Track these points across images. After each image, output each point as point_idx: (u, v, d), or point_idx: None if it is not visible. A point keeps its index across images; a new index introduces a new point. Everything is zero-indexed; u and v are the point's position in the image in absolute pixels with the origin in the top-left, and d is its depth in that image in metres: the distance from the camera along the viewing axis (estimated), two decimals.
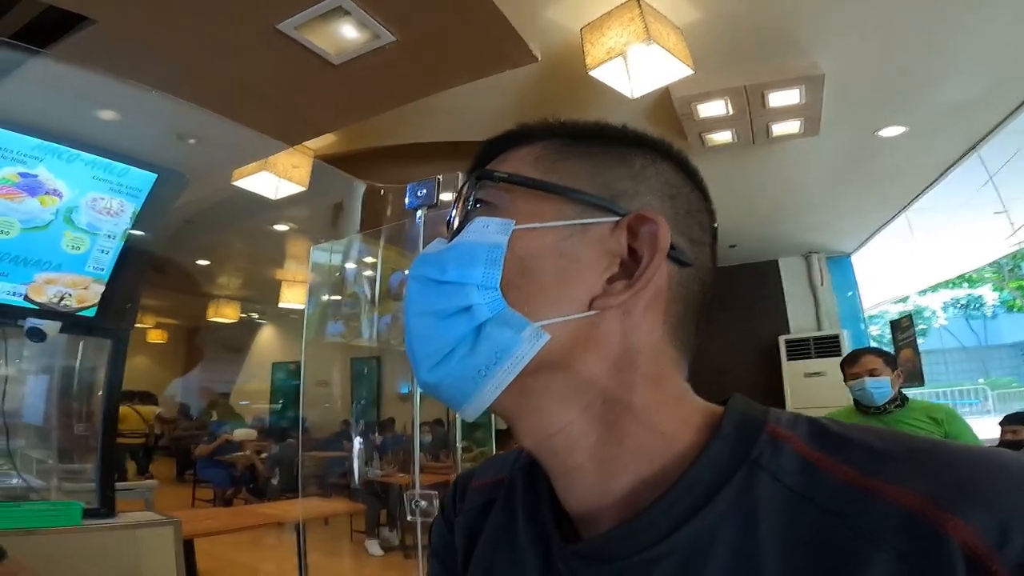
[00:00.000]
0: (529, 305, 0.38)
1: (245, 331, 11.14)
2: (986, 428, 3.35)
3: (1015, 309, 15.12)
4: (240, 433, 8.37)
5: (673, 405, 0.40)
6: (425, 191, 1.25)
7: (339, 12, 1.84)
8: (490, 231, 0.39)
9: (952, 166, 4.70)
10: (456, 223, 0.43)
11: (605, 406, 0.39)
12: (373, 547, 5.08)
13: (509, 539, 0.44)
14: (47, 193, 1.71)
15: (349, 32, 1.96)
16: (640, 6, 2.40)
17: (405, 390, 7.34)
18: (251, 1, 1.82)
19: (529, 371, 0.37)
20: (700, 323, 0.43)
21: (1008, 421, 3.45)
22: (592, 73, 2.55)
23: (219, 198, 3.66)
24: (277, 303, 7.73)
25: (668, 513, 0.36)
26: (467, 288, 0.38)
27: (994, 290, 15.62)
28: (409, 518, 1.48)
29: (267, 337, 11.55)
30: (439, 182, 1.30)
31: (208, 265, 7.28)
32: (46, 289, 1.83)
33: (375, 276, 3.51)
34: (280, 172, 3.40)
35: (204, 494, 6.95)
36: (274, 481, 6.87)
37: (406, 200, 1.39)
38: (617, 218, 0.39)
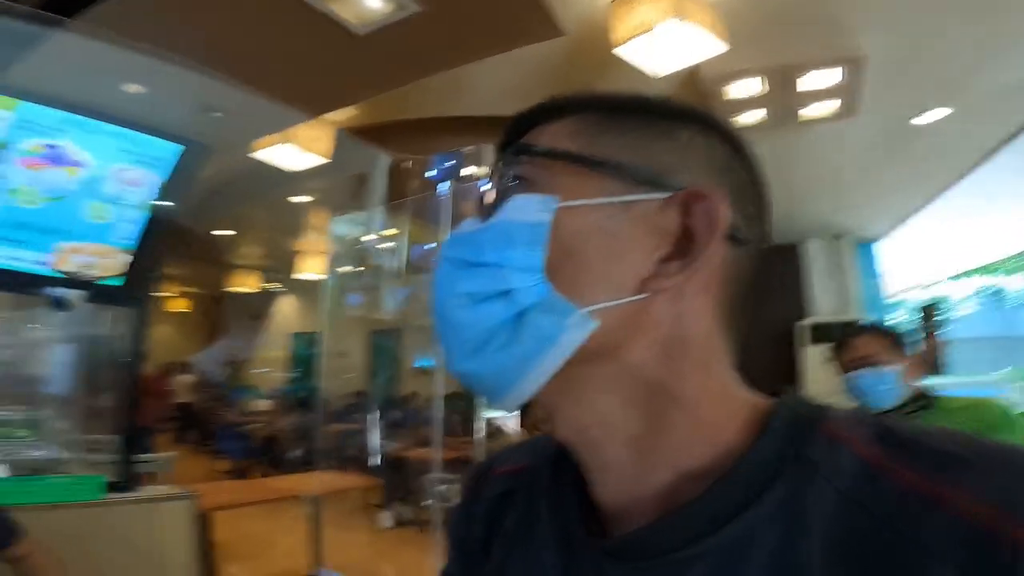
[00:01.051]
0: (575, 289, 0.35)
1: (265, 301, 11.30)
2: None
3: None
4: (258, 404, 8.57)
5: (720, 396, 0.37)
6: (450, 163, 1.23)
7: None
8: (531, 209, 0.36)
9: (996, 150, 4.54)
10: (491, 201, 0.39)
11: (651, 396, 0.37)
12: (386, 520, 5.18)
13: (529, 531, 0.43)
14: (71, 164, 1.72)
15: (373, 2, 1.92)
16: None
17: (425, 364, 7.41)
18: None
19: (574, 360, 0.35)
20: (749, 305, 0.41)
21: None
22: (618, 50, 2.48)
23: (241, 169, 3.66)
24: (294, 273, 7.81)
25: (708, 511, 0.34)
26: (506, 270, 0.35)
27: None
28: (429, 502, 1.49)
29: (287, 308, 11.72)
30: (464, 155, 1.28)
31: (230, 235, 7.36)
32: (71, 258, 1.85)
33: (397, 248, 3.51)
34: (302, 144, 3.40)
35: (223, 465, 7.10)
36: (296, 453, 6.99)
37: (431, 172, 1.37)
38: (667, 194, 0.36)
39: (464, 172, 1.60)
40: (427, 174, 1.45)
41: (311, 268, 7.56)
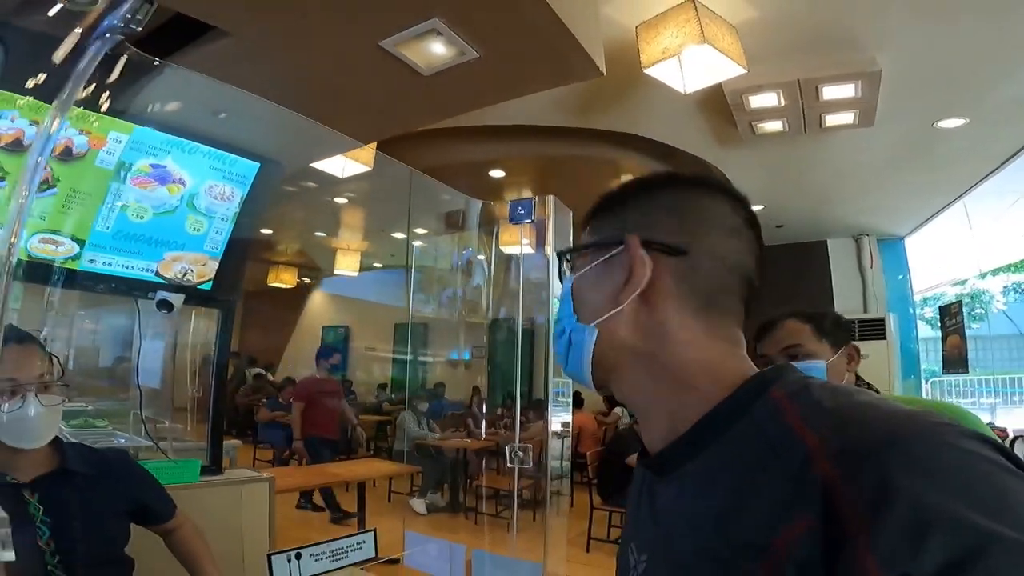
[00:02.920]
0: (585, 316, 0.59)
1: (299, 296, 11.66)
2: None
3: None
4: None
5: (706, 367, 0.54)
6: (524, 209, 1.54)
7: (433, 33, 2.07)
8: (566, 285, 0.63)
9: (1014, 156, 4.60)
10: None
11: (648, 369, 0.56)
12: (419, 506, 5.39)
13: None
14: (174, 182, 2.00)
15: (439, 49, 2.18)
16: (696, 7, 2.50)
17: (454, 356, 7.66)
18: (362, 21, 2.07)
19: (597, 353, 0.57)
20: (743, 293, 0.57)
21: None
22: (647, 71, 2.68)
23: (292, 173, 3.93)
24: (333, 270, 8.11)
25: (678, 451, 0.53)
26: (561, 319, 0.62)
27: None
28: (509, 465, 1.81)
29: (318, 302, 12.09)
30: (535, 202, 1.61)
31: (270, 234, 7.67)
32: (173, 266, 2.13)
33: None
34: (348, 154, 3.66)
35: (263, 454, 7.41)
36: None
37: (508, 215, 1.68)
38: (618, 247, 0.57)
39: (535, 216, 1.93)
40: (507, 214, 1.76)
41: (345, 265, 7.87)
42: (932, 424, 0.40)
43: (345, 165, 3.85)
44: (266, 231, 7.45)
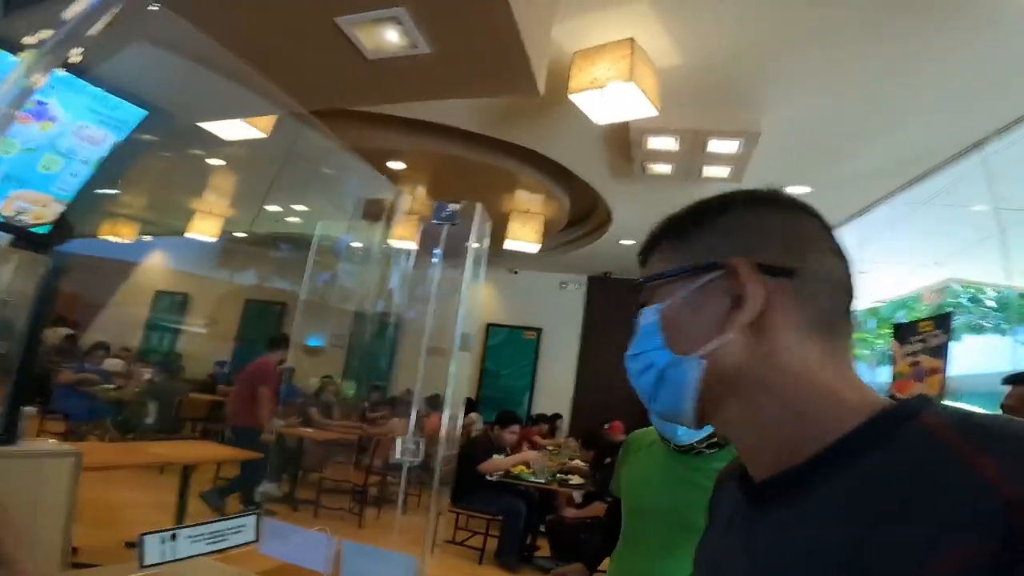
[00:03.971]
0: (684, 347, 0.54)
1: (133, 254, 10.33)
2: None
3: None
4: (110, 363, 7.79)
5: (825, 393, 0.50)
6: (448, 212, 1.47)
7: (393, 21, 1.95)
8: (650, 316, 0.58)
9: (836, 227, 5.40)
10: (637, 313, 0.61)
11: (757, 397, 0.52)
12: (255, 495, 5.06)
13: (730, 492, 0.62)
14: (47, 119, 1.68)
15: (392, 37, 2.06)
16: (632, 47, 2.63)
17: (313, 343, 7.24)
18: None
19: (703, 387, 0.53)
20: (849, 312, 0.55)
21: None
22: (572, 96, 2.76)
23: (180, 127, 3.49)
24: (184, 232, 7.28)
25: (796, 477, 0.49)
26: (648, 354, 0.57)
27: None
28: (398, 457, 1.72)
29: (155, 264, 10.81)
30: (461, 207, 1.54)
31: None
32: (13, 204, 1.78)
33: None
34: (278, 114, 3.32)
35: (54, 426, 6.37)
36: (149, 420, 6.46)
37: (433, 215, 1.59)
38: (715, 274, 0.54)
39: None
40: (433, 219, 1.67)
41: (202, 229, 7.10)
42: None
43: (233, 126, 3.47)
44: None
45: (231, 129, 3.36)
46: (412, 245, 5.72)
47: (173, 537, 1.34)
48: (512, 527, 4.23)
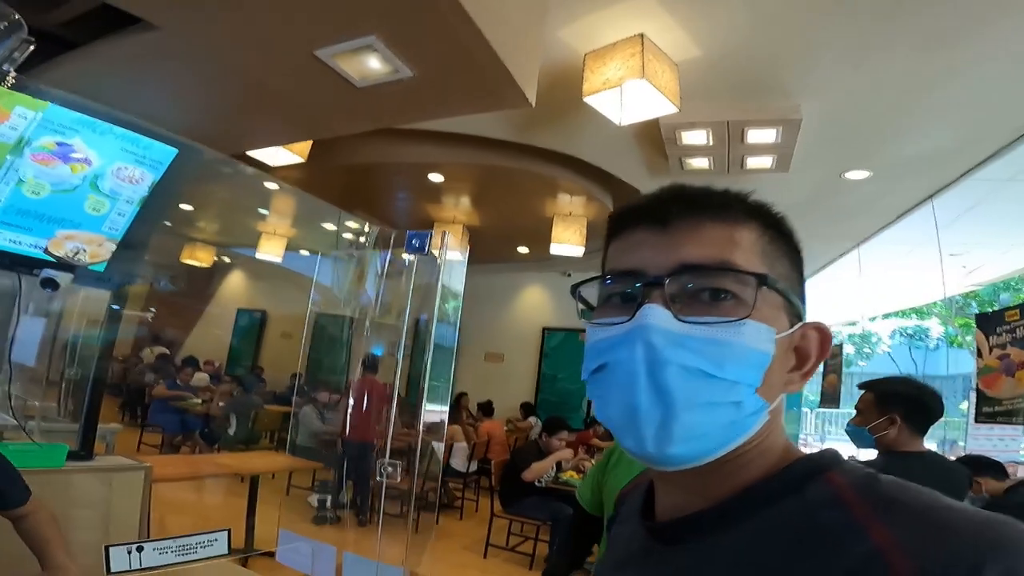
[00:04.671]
0: (767, 395, 0.46)
1: (214, 275, 11.08)
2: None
3: (956, 345, 15.88)
4: (198, 378, 8.37)
5: (777, 449, 0.49)
6: (419, 242, 1.50)
7: (369, 49, 2.04)
8: (762, 339, 0.44)
9: (908, 211, 5.06)
10: (707, 305, 0.45)
11: (749, 454, 0.47)
12: (315, 501, 5.28)
13: (630, 515, 0.59)
14: (78, 161, 1.86)
15: (374, 64, 2.16)
16: (643, 43, 2.59)
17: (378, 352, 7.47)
18: (297, 30, 2.02)
19: (753, 438, 0.47)
20: None
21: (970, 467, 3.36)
22: (586, 99, 2.75)
23: (216, 156, 3.77)
24: (255, 253, 7.75)
25: (706, 519, 0.46)
26: (741, 387, 0.44)
27: (941, 324, 16.37)
28: (378, 478, 1.73)
29: (235, 282, 11.54)
30: (431, 237, 1.55)
31: (190, 210, 7.25)
32: (65, 244, 1.98)
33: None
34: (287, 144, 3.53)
35: (151, 439, 6.84)
36: (230, 431, 6.89)
37: (404, 246, 1.63)
38: (801, 324, 0.48)
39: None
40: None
41: (268, 249, 7.54)
42: None
43: (278, 154, 3.70)
44: (186, 206, 7.03)
45: (275, 156, 3.58)
46: (459, 256, 5.83)
47: (139, 549, 1.40)
48: (562, 532, 4.23)
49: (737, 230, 0.47)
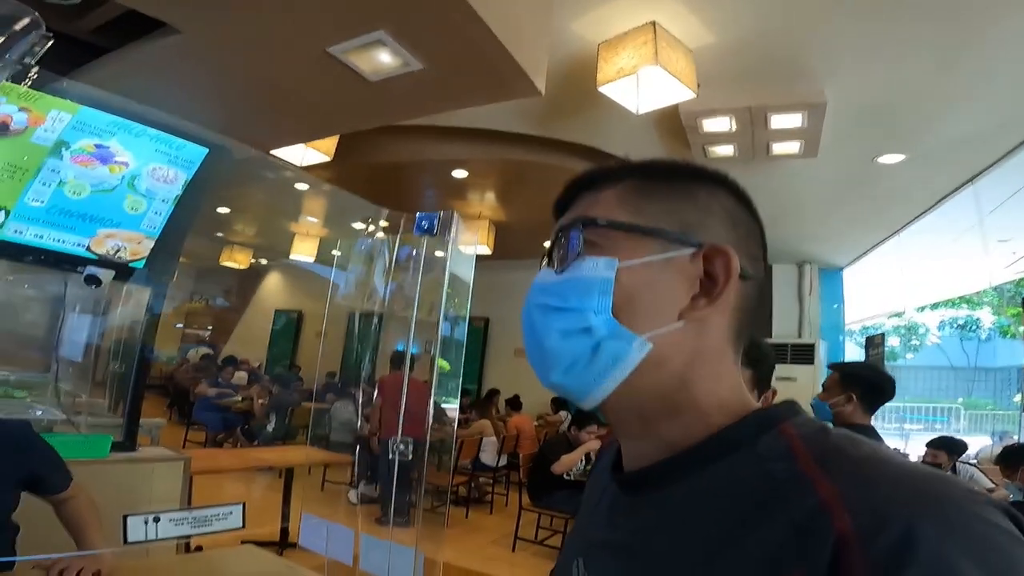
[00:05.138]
0: (635, 322, 0.47)
1: (252, 277, 11.43)
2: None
3: (1009, 335, 15.23)
4: (238, 377, 8.64)
5: (722, 399, 0.49)
6: (428, 223, 1.52)
7: (379, 43, 2.12)
8: (600, 269, 0.48)
9: (947, 196, 4.88)
10: (560, 255, 0.51)
11: (672, 395, 0.48)
12: (353, 496, 5.37)
13: (601, 470, 0.62)
14: (116, 163, 1.98)
15: (385, 59, 2.23)
16: (655, 30, 2.59)
17: (400, 348, 7.60)
18: (309, 29, 2.11)
19: (635, 373, 0.48)
20: (754, 326, 0.52)
21: (931, 444, 3.78)
22: (601, 89, 2.76)
23: (249, 154, 3.90)
24: (288, 254, 7.98)
25: (666, 469, 0.48)
26: (586, 313, 0.48)
27: (993, 314, 15.72)
28: (390, 457, 1.76)
29: (272, 284, 11.88)
30: (440, 217, 1.58)
31: (227, 213, 7.51)
32: (106, 242, 2.10)
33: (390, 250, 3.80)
34: (309, 143, 3.63)
35: (195, 436, 7.12)
36: (269, 428, 7.09)
37: (413, 228, 1.66)
38: (694, 250, 0.49)
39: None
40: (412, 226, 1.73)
41: (302, 250, 7.75)
42: (965, 491, 0.38)
43: (305, 154, 3.82)
44: (223, 209, 7.29)
45: (302, 156, 3.69)
46: (485, 249, 5.89)
47: (156, 520, 1.46)
48: None
49: (602, 192, 0.52)
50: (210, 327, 11.88)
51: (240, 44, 2.21)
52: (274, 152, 3.49)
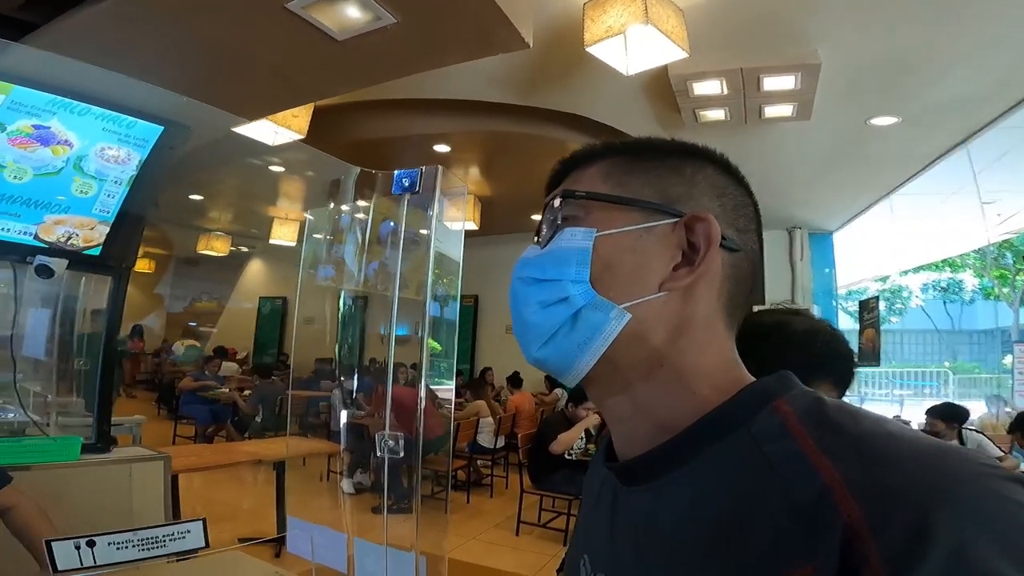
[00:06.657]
0: (613, 292, 0.47)
1: (234, 264, 11.18)
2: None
3: (993, 297, 15.42)
4: (226, 368, 8.48)
5: (711, 372, 0.47)
6: (409, 180, 1.36)
7: None
8: (577, 239, 0.48)
9: (940, 157, 4.81)
10: (545, 230, 0.52)
11: (656, 368, 0.47)
12: (347, 486, 5.30)
13: (598, 459, 0.59)
14: (59, 143, 1.79)
15: (353, 13, 2.02)
16: None
17: (401, 332, 7.48)
18: None
19: (615, 344, 0.46)
20: (751, 295, 0.51)
21: (930, 412, 3.70)
22: (589, 49, 2.60)
23: (216, 136, 3.69)
24: (268, 239, 7.77)
25: (660, 456, 0.46)
26: (564, 283, 0.48)
27: (975, 276, 15.89)
28: (379, 454, 1.62)
29: (255, 271, 11.63)
30: (422, 173, 1.41)
31: (200, 200, 7.27)
32: (55, 229, 1.92)
33: (367, 225, 3.63)
34: (279, 120, 3.43)
35: (185, 430, 6.93)
36: (257, 419, 6.96)
37: (392, 187, 1.49)
38: (676, 219, 0.48)
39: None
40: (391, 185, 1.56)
41: (282, 234, 7.54)
42: (978, 467, 0.35)
43: (277, 132, 3.61)
44: (195, 196, 7.04)
45: (273, 135, 3.49)
46: (472, 225, 5.74)
47: (91, 544, 1.20)
48: None
49: (586, 169, 0.52)
50: (193, 323, 11.63)
51: (181, 4, 1.98)
52: (243, 130, 3.29)
